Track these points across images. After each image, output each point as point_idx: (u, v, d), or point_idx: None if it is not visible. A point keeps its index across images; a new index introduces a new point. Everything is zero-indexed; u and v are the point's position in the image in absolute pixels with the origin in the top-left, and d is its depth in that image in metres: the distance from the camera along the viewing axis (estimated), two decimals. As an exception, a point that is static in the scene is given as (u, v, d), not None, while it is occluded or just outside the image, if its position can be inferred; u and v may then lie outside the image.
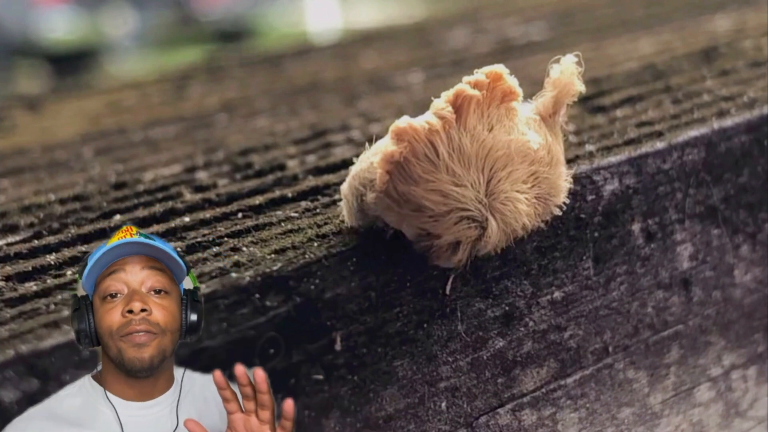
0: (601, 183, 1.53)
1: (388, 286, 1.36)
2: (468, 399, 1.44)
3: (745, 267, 1.72)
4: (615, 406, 1.58)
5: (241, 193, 1.62)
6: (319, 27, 7.89)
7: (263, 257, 1.34)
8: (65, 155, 2.06)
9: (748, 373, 1.75)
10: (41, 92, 4.31)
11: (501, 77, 1.27)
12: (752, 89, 1.85)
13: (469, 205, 1.24)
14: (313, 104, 2.26)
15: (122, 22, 8.46)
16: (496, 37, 2.73)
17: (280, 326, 1.29)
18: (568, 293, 1.51)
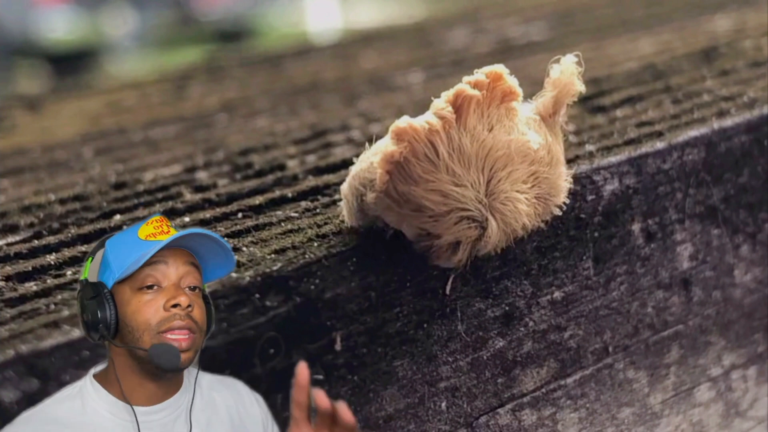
0: (601, 183, 1.53)
1: (388, 286, 1.36)
2: (468, 399, 1.44)
3: (745, 267, 1.72)
4: (615, 406, 1.58)
5: (241, 193, 1.62)
6: (319, 27, 7.89)
7: (263, 257, 1.34)
8: (65, 155, 2.06)
9: (748, 373, 1.75)
10: (41, 92, 4.31)
11: (501, 77, 1.27)
12: (752, 89, 1.85)
13: (469, 205, 1.24)
14: (313, 104, 2.26)
15: (122, 22, 8.46)
16: (496, 37, 2.73)
17: (280, 326, 1.29)
18: (568, 293, 1.51)
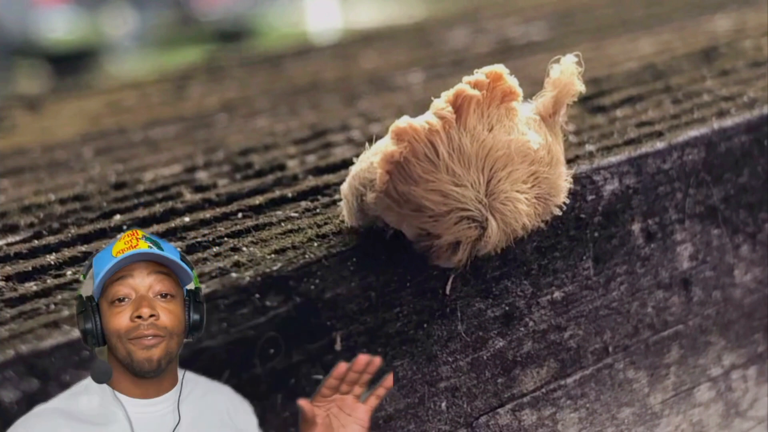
0: (601, 183, 1.53)
1: (388, 286, 1.36)
2: (468, 399, 1.44)
3: (745, 267, 1.72)
4: (615, 406, 1.58)
5: (241, 193, 1.62)
6: (319, 27, 7.89)
7: (263, 257, 1.34)
8: (65, 155, 2.06)
9: (748, 373, 1.75)
10: (41, 92, 4.31)
11: (501, 77, 1.27)
12: (752, 89, 1.85)
13: (469, 205, 1.24)
14: (313, 104, 2.26)
15: (122, 22, 8.46)
16: (496, 37, 2.73)
17: (280, 326, 1.29)
18: (568, 293, 1.51)
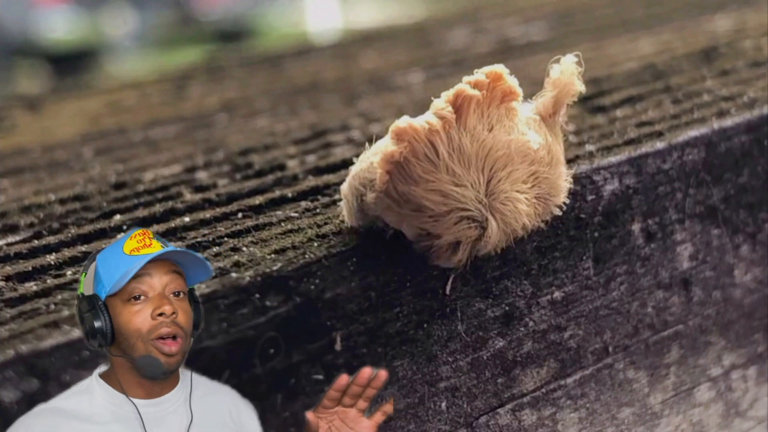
0: (601, 183, 1.53)
1: (388, 286, 1.36)
2: (468, 399, 1.44)
3: (745, 267, 1.72)
4: (615, 406, 1.58)
5: (241, 193, 1.62)
6: (319, 27, 7.89)
7: (263, 257, 1.34)
8: (65, 155, 2.06)
9: (748, 373, 1.75)
10: (41, 92, 4.32)
11: (501, 77, 1.27)
12: (752, 89, 1.85)
13: (469, 205, 1.24)
14: (313, 104, 2.26)
15: (122, 22, 8.46)
16: (496, 37, 2.73)
17: (280, 326, 1.29)
18: (568, 293, 1.51)
